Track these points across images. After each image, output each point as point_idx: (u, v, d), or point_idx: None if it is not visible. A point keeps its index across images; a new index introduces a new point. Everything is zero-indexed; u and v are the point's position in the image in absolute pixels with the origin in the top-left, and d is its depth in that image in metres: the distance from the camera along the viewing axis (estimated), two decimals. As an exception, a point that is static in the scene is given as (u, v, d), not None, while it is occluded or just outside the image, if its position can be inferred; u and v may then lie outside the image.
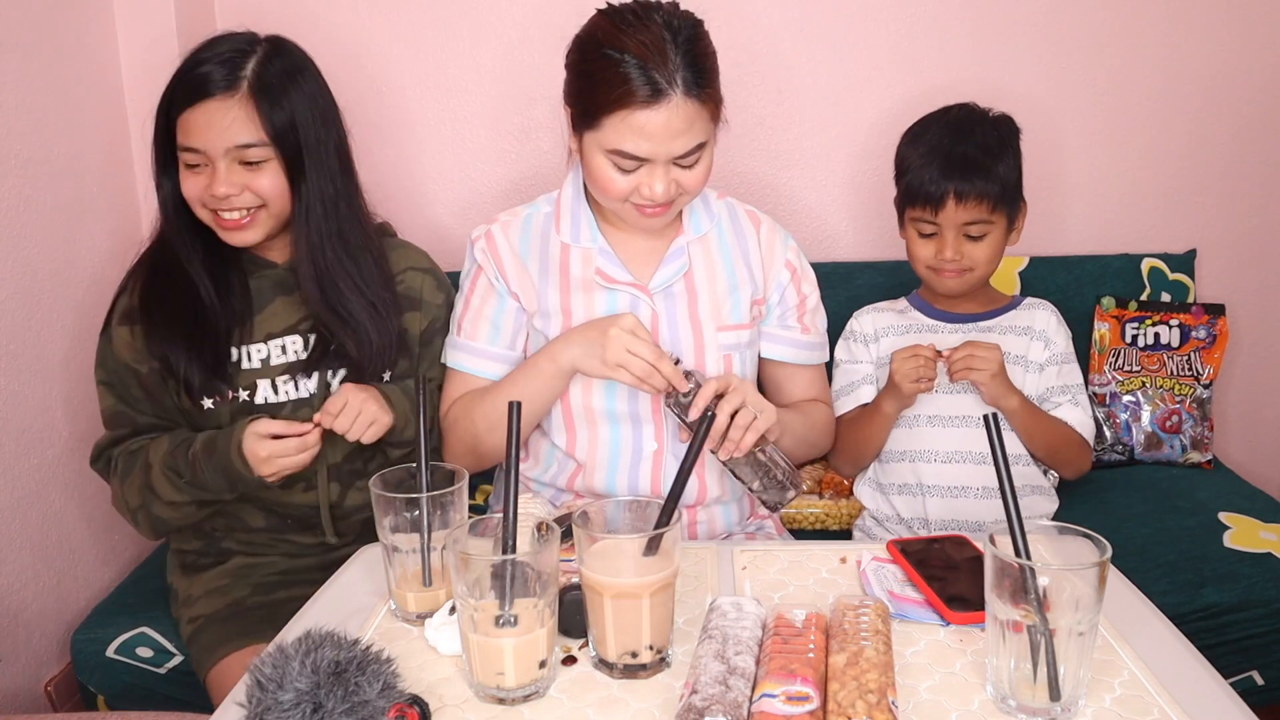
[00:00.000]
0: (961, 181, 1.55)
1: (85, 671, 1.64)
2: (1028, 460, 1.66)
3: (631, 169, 1.33)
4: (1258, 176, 2.21)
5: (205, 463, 1.38)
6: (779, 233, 1.55)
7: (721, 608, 1.00)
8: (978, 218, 1.56)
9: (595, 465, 1.47)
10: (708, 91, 1.32)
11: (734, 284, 1.49)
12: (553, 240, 1.49)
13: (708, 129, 1.34)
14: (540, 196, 1.54)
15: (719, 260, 1.49)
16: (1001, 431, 0.94)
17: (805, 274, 1.55)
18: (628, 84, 1.27)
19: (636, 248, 1.48)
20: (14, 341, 1.67)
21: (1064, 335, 1.67)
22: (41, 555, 1.73)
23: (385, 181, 2.17)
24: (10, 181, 1.66)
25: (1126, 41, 2.12)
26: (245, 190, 1.37)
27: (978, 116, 1.62)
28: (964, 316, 1.68)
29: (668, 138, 1.29)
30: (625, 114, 1.28)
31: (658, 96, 1.27)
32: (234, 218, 1.39)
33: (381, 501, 1.07)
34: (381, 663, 0.87)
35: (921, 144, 1.61)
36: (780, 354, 1.55)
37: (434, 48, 2.11)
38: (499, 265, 1.49)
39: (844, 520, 1.88)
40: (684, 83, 1.28)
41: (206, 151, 1.35)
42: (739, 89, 2.11)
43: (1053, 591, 0.87)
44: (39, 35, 1.73)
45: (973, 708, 0.91)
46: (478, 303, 1.51)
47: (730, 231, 1.51)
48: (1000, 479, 0.92)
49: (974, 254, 1.59)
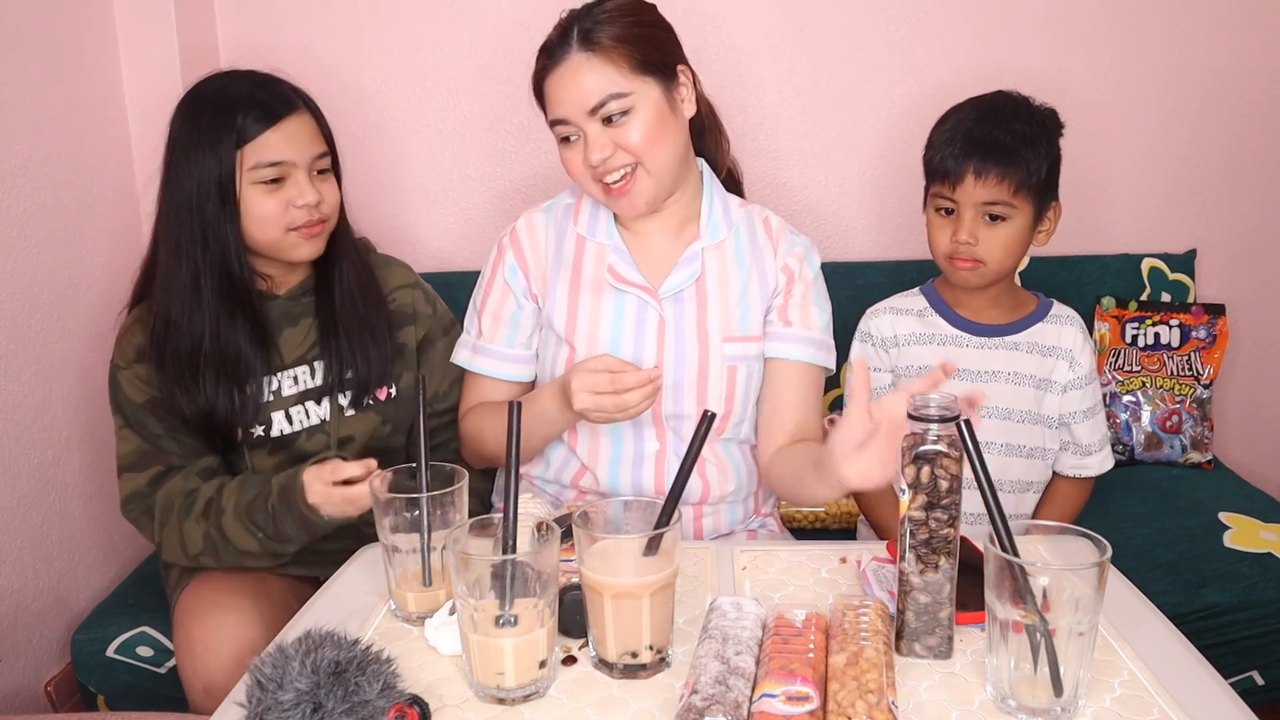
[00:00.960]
0: (985, 155, 1.49)
1: (85, 671, 1.64)
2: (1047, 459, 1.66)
3: (572, 139, 1.38)
4: (1258, 176, 2.21)
5: (284, 514, 1.36)
6: (785, 235, 1.51)
7: (721, 608, 1.00)
8: (998, 198, 1.49)
9: (598, 463, 1.48)
10: (612, 40, 1.35)
11: (746, 293, 1.47)
12: (569, 233, 1.49)
13: (624, 80, 1.35)
14: (565, 190, 1.56)
15: (733, 269, 1.48)
16: (976, 437, 0.92)
17: (801, 276, 1.49)
18: (540, 57, 1.39)
19: (651, 250, 1.48)
20: (14, 342, 1.68)
21: (1089, 353, 1.62)
22: (41, 555, 1.74)
23: (385, 183, 2.17)
24: (11, 182, 1.66)
25: (1127, 41, 2.12)
26: (323, 200, 1.43)
27: (1016, 103, 1.57)
28: (989, 329, 1.62)
29: (572, 93, 1.36)
30: (545, 86, 1.39)
31: (556, 59, 1.37)
32: (314, 225, 1.43)
33: (381, 501, 1.07)
34: (381, 663, 0.87)
35: (950, 121, 1.56)
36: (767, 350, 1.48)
37: (433, 48, 2.11)
38: (518, 254, 1.50)
39: (844, 520, 1.88)
40: (579, 38, 1.36)
41: (292, 162, 1.40)
42: (738, 89, 2.12)
43: (1053, 591, 0.87)
44: (39, 36, 1.73)
45: (973, 708, 0.91)
46: (495, 304, 1.51)
47: (747, 240, 1.50)
48: (979, 482, 0.91)
49: (990, 241, 1.51)
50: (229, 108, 1.37)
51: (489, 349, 1.51)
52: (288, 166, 1.39)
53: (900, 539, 0.97)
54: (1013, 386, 1.60)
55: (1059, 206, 1.58)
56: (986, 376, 1.60)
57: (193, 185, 1.37)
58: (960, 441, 0.93)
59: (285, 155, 1.39)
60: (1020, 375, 1.60)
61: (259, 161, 1.38)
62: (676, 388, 1.45)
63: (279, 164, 1.39)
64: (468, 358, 1.53)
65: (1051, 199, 1.56)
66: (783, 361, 1.47)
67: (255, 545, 1.40)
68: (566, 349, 1.47)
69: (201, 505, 1.41)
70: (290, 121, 1.40)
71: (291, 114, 1.40)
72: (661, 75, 1.38)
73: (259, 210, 1.39)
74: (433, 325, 1.59)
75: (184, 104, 1.42)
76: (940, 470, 0.94)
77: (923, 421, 0.94)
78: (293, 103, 1.41)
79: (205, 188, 1.37)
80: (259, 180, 1.38)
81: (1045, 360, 1.61)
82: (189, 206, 1.38)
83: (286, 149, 1.39)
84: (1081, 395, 1.62)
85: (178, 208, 1.39)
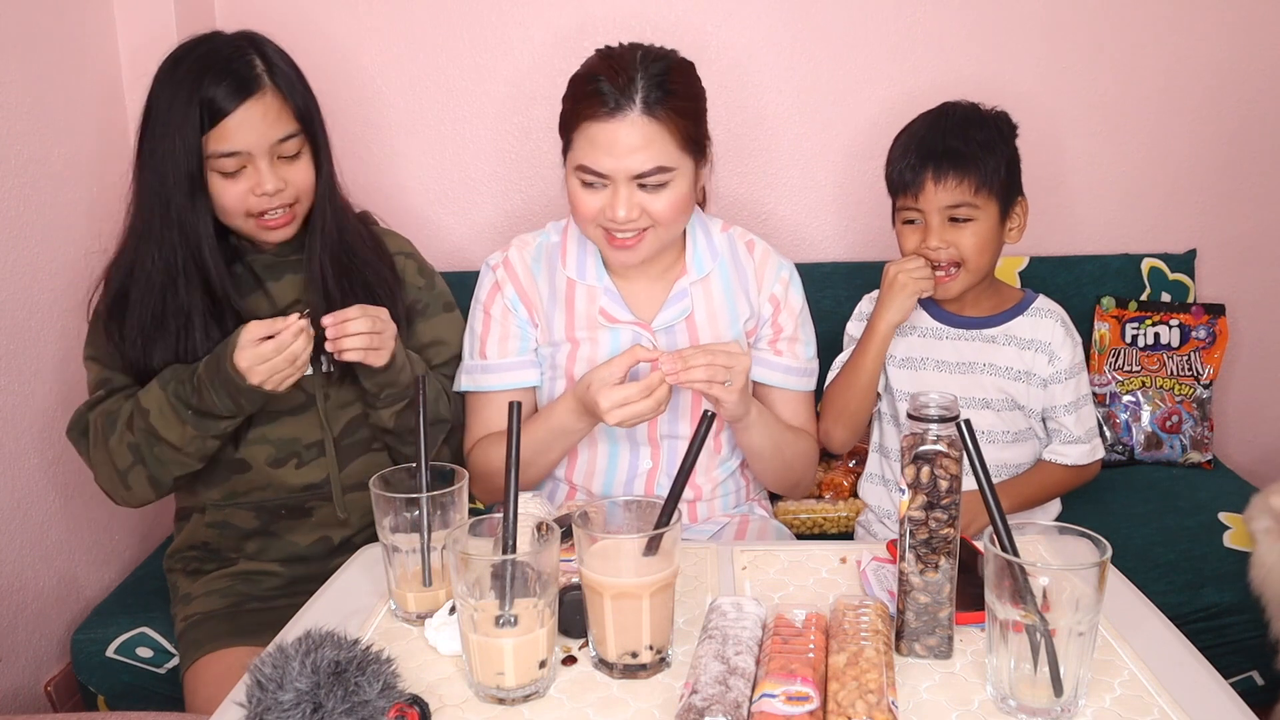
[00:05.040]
0: (940, 160, 1.52)
1: (85, 671, 1.64)
2: (1032, 441, 1.66)
3: (596, 185, 1.36)
4: (1258, 176, 2.21)
5: (209, 382, 1.34)
6: (770, 262, 1.54)
7: (721, 608, 1.00)
8: (960, 200, 1.52)
9: (593, 479, 1.52)
10: (671, 113, 1.34)
11: (735, 318, 1.51)
12: (559, 272, 1.51)
13: (673, 155, 1.35)
14: (549, 224, 1.56)
15: (720, 299, 1.51)
16: (976, 437, 0.92)
17: (788, 305, 1.54)
18: (592, 99, 1.34)
19: (640, 289, 1.50)
20: (14, 341, 1.68)
21: (1071, 346, 1.63)
22: (41, 555, 1.74)
23: (384, 180, 2.17)
24: (10, 182, 1.66)
25: (1127, 41, 2.12)
26: (288, 185, 1.40)
27: (965, 110, 1.59)
28: (971, 321, 1.65)
29: (624, 153, 1.33)
30: (586, 126, 1.34)
31: (615, 110, 1.32)
32: (278, 216, 1.41)
33: (381, 501, 1.07)
34: (381, 663, 0.87)
35: (902, 136, 1.60)
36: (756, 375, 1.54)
37: (433, 48, 2.11)
38: (518, 287, 1.51)
39: (843, 524, 1.88)
40: (644, 101, 1.33)
41: (248, 152, 1.36)
42: (738, 89, 2.12)
43: (1053, 591, 0.87)
44: (39, 35, 1.73)
45: (973, 708, 0.91)
46: (499, 326, 1.51)
47: (731, 266, 1.53)
48: (979, 482, 0.91)
49: (961, 242, 1.54)
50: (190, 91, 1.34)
51: (500, 364, 1.51)
52: (244, 156, 1.36)
53: (900, 539, 0.97)
54: (990, 377, 1.63)
55: (1025, 202, 1.60)
56: (963, 368, 1.64)
57: (166, 171, 1.36)
58: (960, 442, 0.93)
59: (241, 144, 1.35)
60: (996, 367, 1.63)
61: (215, 151, 1.35)
62: (672, 410, 1.49)
63: (235, 154, 1.36)
64: (476, 380, 1.52)
65: (1017, 195, 1.59)
66: (774, 389, 1.55)
67: (181, 434, 1.37)
68: (564, 381, 1.49)
69: (125, 416, 1.40)
70: (248, 107, 1.34)
71: (249, 98, 1.35)
72: (698, 154, 1.41)
73: (220, 199, 1.38)
74: (420, 296, 1.57)
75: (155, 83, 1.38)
76: (940, 470, 0.94)
77: (923, 422, 0.94)
78: (249, 86, 1.35)
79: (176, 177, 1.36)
80: (218, 170, 1.37)
81: (1023, 353, 1.62)
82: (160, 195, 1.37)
83: (242, 137, 1.35)
84: (1063, 389, 1.63)
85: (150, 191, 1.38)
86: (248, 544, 1.53)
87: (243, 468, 1.48)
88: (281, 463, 1.48)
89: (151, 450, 1.39)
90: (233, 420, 1.39)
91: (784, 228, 2.21)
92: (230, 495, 1.50)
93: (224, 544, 1.53)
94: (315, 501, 1.51)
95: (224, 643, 1.43)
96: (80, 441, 1.46)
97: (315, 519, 1.52)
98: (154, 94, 1.38)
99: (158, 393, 1.38)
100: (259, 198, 1.38)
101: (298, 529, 1.52)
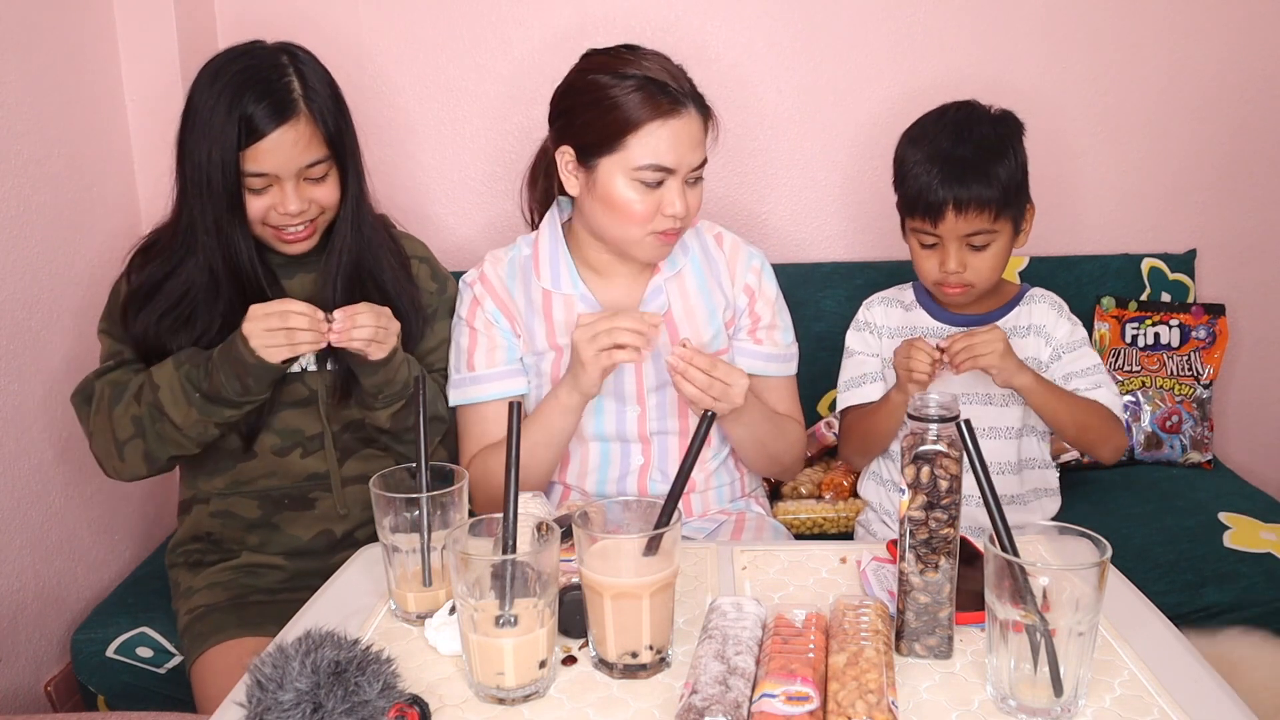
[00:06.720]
0: (960, 189, 1.50)
1: (85, 671, 1.64)
2: (1043, 464, 1.66)
3: (656, 184, 1.38)
4: (1258, 176, 2.21)
5: (220, 363, 1.37)
6: (741, 253, 1.56)
7: (721, 608, 1.00)
8: (980, 228, 1.51)
9: (585, 477, 1.54)
10: (707, 112, 1.42)
11: (711, 311, 1.53)
12: (534, 284, 1.52)
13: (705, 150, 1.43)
14: (519, 238, 1.57)
15: (695, 293, 1.52)
16: (976, 438, 0.92)
17: (763, 293, 1.56)
18: (654, 98, 1.36)
19: (616, 289, 1.52)
20: (14, 342, 1.68)
21: (1065, 323, 1.62)
22: (41, 555, 1.74)
23: (386, 181, 2.16)
24: (10, 182, 1.66)
25: (1127, 41, 2.12)
26: (310, 205, 1.43)
27: (977, 115, 1.58)
28: (966, 319, 1.65)
29: (690, 147, 1.38)
30: (656, 125, 1.36)
31: (679, 107, 1.37)
32: (298, 231, 1.44)
33: (381, 501, 1.07)
34: (381, 663, 0.87)
35: (919, 149, 1.56)
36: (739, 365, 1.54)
37: (434, 48, 2.11)
38: (497, 301, 1.52)
39: (843, 524, 1.88)
40: (694, 99, 1.39)
41: (276, 174, 1.39)
42: (738, 89, 2.12)
43: (1053, 591, 0.87)
44: (39, 35, 1.73)
45: (973, 708, 0.91)
46: (485, 339, 1.52)
47: (702, 260, 1.55)
48: (979, 482, 0.91)
49: (978, 265, 1.54)
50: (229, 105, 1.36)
51: (488, 374, 1.51)
52: (271, 178, 1.39)
53: (900, 539, 0.97)
54: None
55: (1033, 208, 1.60)
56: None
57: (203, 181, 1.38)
58: (960, 441, 0.93)
59: (270, 168, 1.39)
60: None
61: (245, 170, 1.38)
62: (659, 406, 1.51)
63: (263, 175, 1.39)
64: (466, 393, 1.52)
65: (1025, 204, 1.58)
66: (757, 377, 1.55)
67: (186, 414, 1.39)
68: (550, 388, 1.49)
69: (135, 388, 1.42)
70: (282, 132, 1.37)
71: (284, 123, 1.37)
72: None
73: (248, 209, 1.41)
74: (431, 301, 1.59)
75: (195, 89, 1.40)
76: (940, 470, 0.94)
77: (923, 421, 0.94)
78: (285, 111, 1.38)
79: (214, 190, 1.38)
80: (245, 185, 1.39)
81: (1021, 341, 1.61)
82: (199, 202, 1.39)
83: (272, 161, 1.38)
84: (1071, 359, 1.60)
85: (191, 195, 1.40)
86: (250, 535, 1.53)
87: (248, 455, 1.50)
88: (286, 451, 1.50)
89: (154, 426, 1.41)
90: (237, 410, 1.41)
91: (784, 228, 2.22)
92: (234, 484, 1.52)
93: (227, 535, 1.54)
94: (318, 492, 1.52)
95: (231, 634, 1.44)
96: (82, 407, 1.48)
97: (317, 511, 1.53)
98: (193, 98, 1.40)
99: (171, 371, 1.40)
100: (281, 215, 1.41)
101: (299, 521, 1.53)
